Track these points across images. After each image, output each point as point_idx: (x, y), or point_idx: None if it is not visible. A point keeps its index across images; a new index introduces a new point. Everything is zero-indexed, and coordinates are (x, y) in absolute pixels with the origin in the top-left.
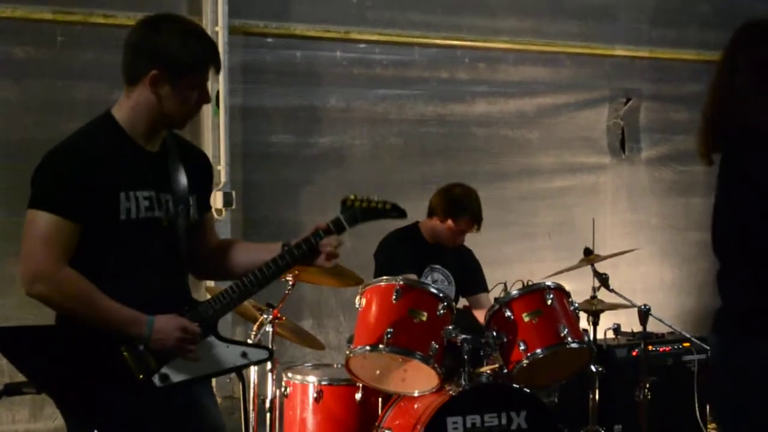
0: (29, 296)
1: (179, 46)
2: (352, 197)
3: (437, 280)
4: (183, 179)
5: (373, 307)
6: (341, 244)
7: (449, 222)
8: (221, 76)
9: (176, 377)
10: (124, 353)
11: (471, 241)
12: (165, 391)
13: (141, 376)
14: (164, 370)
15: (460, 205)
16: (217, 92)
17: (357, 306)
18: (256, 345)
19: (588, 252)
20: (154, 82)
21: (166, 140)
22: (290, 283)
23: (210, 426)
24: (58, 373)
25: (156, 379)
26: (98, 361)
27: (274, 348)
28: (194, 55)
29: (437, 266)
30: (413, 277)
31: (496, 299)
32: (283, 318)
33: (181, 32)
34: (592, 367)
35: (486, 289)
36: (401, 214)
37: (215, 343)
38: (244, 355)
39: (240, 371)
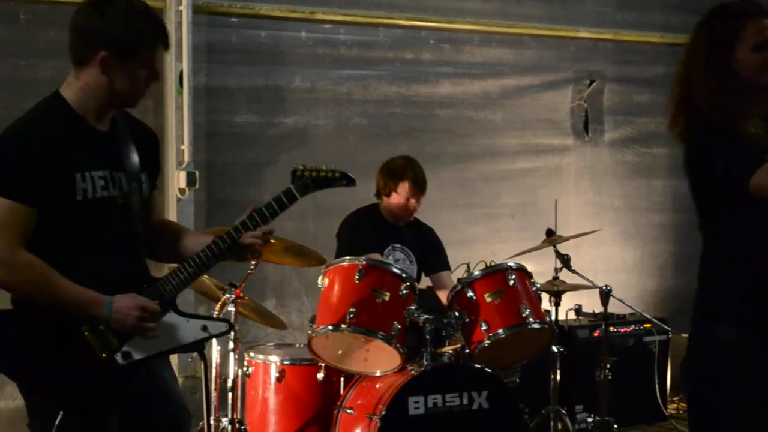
0: None
1: (125, 27)
2: (301, 167)
3: (399, 259)
4: (134, 157)
5: (336, 287)
6: (269, 237)
7: (393, 195)
8: (184, 56)
9: (138, 354)
10: (86, 333)
11: (434, 220)
12: (128, 368)
13: (104, 355)
14: (126, 347)
15: (397, 174)
16: (181, 72)
17: (320, 286)
18: (216, 318)
19: (550, 233)
20: (103, 64)
21: (115, 118)
22: (253, 263)
23: (171, 400)
24: (20, 356)
25: (118, 357)
26: (60, 342)
27: (237, 328)
28: (141, 34)
29: (398, 245)
30: (376, 256)
31: (458, 279)
32: (246, 298)
33: (126, 12)
34: (554, 348)
35: (448, 267)
36: (350, 181)
37: (175, 318)
38: (204, 328)
39: (201, 346)
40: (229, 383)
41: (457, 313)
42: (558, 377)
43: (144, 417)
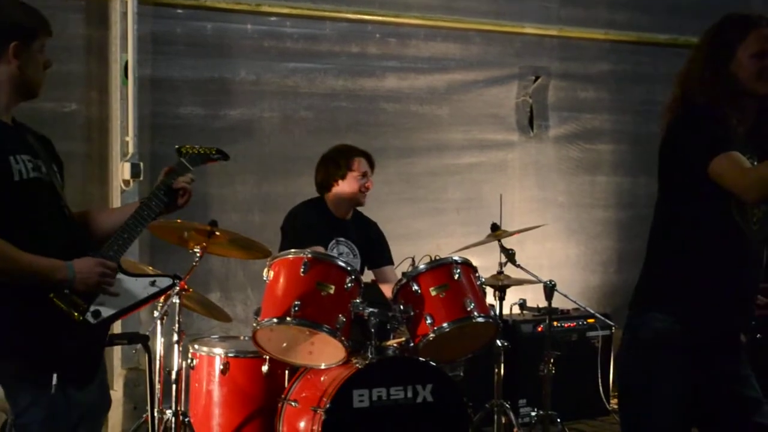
0: None
1: (24, 15)
2: (182, 146)
3: (342, 253)
4: (42, 150)
5: (281, 280)
6: (192, 180)
7: (349, 175)
8: (129, 46)
9: (106, 312)
10: (55, 300)
11: (379, 214)
12: (100, 326)
13: (77, 316)
14: (93, 307)
15: (348, 153)
16: (126, 63)
17: (265, 278)
18: (161, 274)
19: (495, 228)
20: (16, 54)
21: (14, 118)
22: (198, 255)
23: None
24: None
25: (89, 317)
26: (32, 312)
27: (181, 319)
28: (36, 20)
29: (342, 239)
30: (321, 249)
31: (403, 273)
32: (190, 290)
33: (17, 3)
34: (498, 342)
35: (391, 262)
36: (224, 156)
37: (125, 278)
38: (152, 283)
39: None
40: (173, 375)
41: (401, 307)
42: (502, 371)
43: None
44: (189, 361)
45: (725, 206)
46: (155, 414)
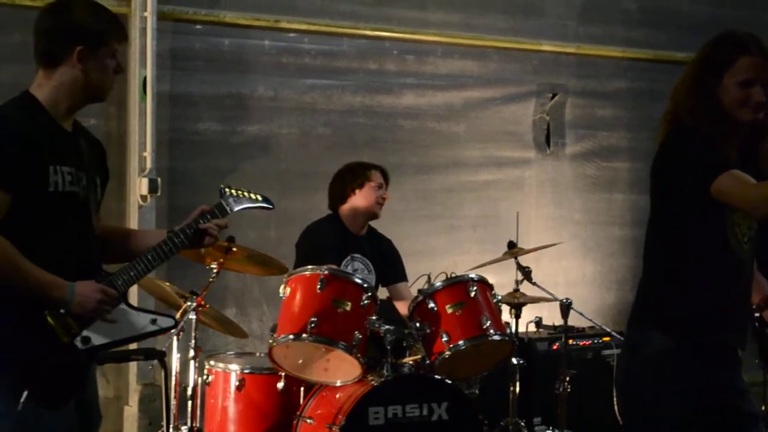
0: None
1: (94, 19)
2: (227, 186)
3: (357, 269)
4: (91, 161)
5: (298, 296)
6: (223, 227)
7: (365, 187)
8: (148, 62)
9: (97, 340)
10: (48, 317)
11: (396, 231)
12: (87, 353)
13: (65, 339)
14: (85, 333)
15: (363, 167)
16: (145, 78)
17: (281, 295)
18: (162, 313)
19: (512, 245)
20: (81, 58)
21: (76, 124)
22: (215, 271)
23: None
24: None
25: (78, 342)
26: (22, 323)
27: (197, 335)
28: (107, 25)
29: (357, 255)
30: (337, 267)
31: (419, 290)
32: (207, 306)
33: (91, 7)
34: (514, 360)
35: (405, 279)
36: (270, 205)
37: (127, 310)
38: (153, 321)
39: (163, 354)
40: (189, 391)
41: (418, 324)
42: (517, 389)
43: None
44: (205, 377)
45: (720, 225)
46: (170, 430)
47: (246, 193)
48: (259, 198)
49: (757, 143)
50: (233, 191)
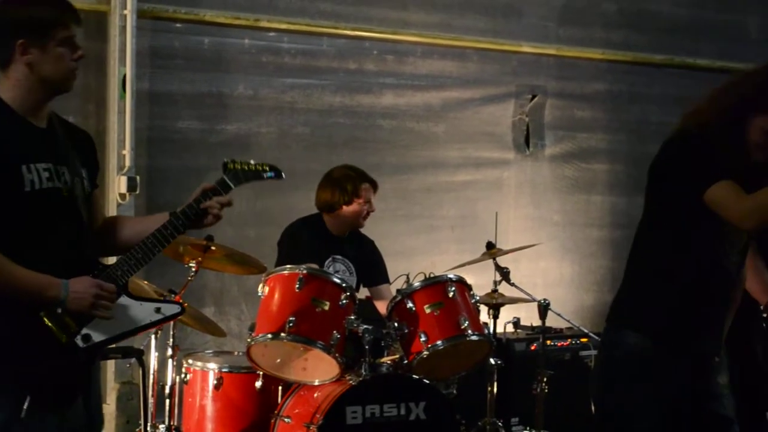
0: None
1: (30, 9)
2: (231, 160)
3: (339, 271)
4: (74, 153)
5: (276, 296)
6: (228, 204)
7: (356, 201)
8: (128, 60)
9: (98, 337)
10: (44, 318)
11: (374, 231)
12: (88, 351)
13: (64, 338)
14: (85, 330)
15: (355, 179)
16: (124, 76)
17: (260, 294)
18: (168, 300)
19: (490, 246)
20: (23, 52)
21: (51, 118)
22: (193, 269)
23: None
24: None
25: (78, 340)
26: (18, 328)
27: (176, 333)
28: (48, 12)
29: (339, 257)
30: (316, 266)
31: (398, 290)
32: (185, 304)
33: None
34: (492, 360)
35: (387, 281)
36: (278, 174)
37: (129, 301)
38: (158, 310)
39: (141, 352)
40: (167, 390)
41: (396, 324)
42: (495, 389)
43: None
44: (183, 375)
45: (711, 233)
46: (148, 429)
47: (252, 166)
48: (266, 168)
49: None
50: (237, 165)
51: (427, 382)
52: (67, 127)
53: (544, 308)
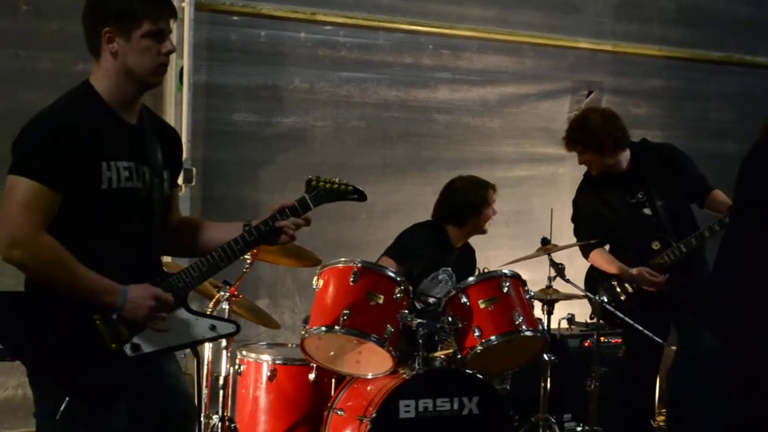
0: (6, 261)
1: None
2: (316, 178)
3: (442, 281)
4: (159, 153)
5: (330, 288)
6: (302, 225)
7: (487, 209)
8: (185, 53)
9: (147, 347)
10: (97, 322)
11: None
12: (136, 360)
13: (114, 346)
14: (136, 340)
15: (479, 187)
16: (181, 68)
17: (314, 287)
18: (224, 319)
19: (545, 242)
20: (109, 40)
21: (143, 113)
22: (248, 261)
23: (179, 394)
24: (30, 339)
25: (127, 349)
26: (71, 329)
27: None
28: (136, 2)
29: (448, 269)
30: (394, 262)
31: (452, 285)
32: (240, 296)
33: None
34: (545, 356)
35: None
36: (362, 196)
37: (185, 315)
38: (212, 328)
39: (207, 342)
40: (221, 381)
41: (450, 319)
42: (548, 385)
43: (152, 411)
44: (236, 367)
45: None
46: (202, 419)
47: (336, 186)
48: (350, 189)
49: None
50: (321, 183)
51: (481, 377)
52: (157, 124)
53: (598, 305)
